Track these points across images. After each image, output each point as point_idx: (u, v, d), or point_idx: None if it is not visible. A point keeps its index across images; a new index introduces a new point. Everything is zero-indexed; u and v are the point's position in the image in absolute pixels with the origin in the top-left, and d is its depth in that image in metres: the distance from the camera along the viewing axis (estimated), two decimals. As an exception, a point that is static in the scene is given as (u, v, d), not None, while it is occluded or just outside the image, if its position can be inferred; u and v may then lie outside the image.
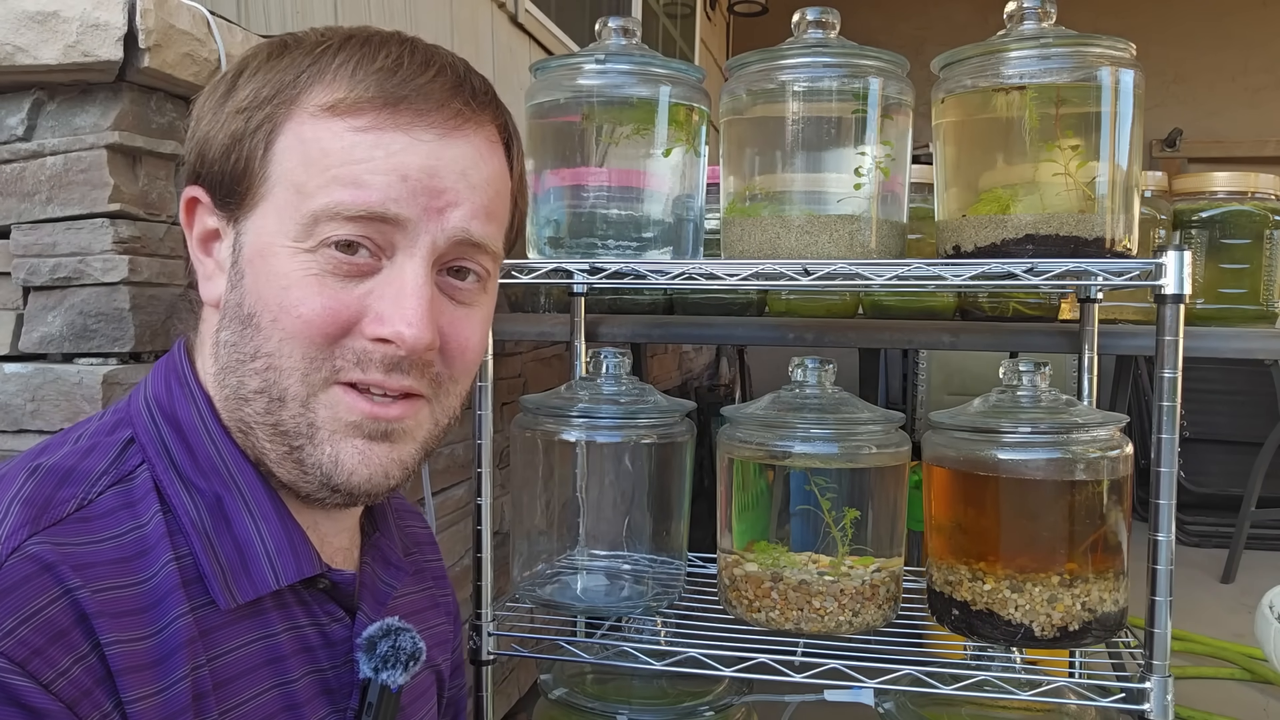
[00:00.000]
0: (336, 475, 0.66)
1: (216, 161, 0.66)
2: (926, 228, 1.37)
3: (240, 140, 0.65)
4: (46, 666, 0.54)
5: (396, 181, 0.64)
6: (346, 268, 0.64)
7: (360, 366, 0.65)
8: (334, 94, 0.64)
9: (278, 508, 0.68)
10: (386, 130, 0.64)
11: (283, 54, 0.67)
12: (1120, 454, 1.13)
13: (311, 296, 0.63)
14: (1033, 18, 1.11)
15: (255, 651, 0.66)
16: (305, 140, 0.64)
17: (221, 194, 0.67)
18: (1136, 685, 1.06)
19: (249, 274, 0.65)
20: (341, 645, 0.71)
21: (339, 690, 0.71)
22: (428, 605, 0.86)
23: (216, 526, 0.65)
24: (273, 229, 0.64)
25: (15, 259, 1.07)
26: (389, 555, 0.79)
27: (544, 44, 2.83)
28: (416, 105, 0.65)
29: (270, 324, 0.64)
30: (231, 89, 0.67)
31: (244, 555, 0.66)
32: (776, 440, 1.19)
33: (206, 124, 0.68)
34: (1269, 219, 1.56)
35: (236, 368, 0.66)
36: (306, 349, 0.64)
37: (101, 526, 0.61)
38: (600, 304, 1.67)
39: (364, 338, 0.64)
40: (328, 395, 0.65)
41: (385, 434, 0.67)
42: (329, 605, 0.71)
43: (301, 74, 0.65)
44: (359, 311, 0.64)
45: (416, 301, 0.64)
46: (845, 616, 1.15)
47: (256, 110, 0.65)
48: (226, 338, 0.66)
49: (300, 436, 0.65)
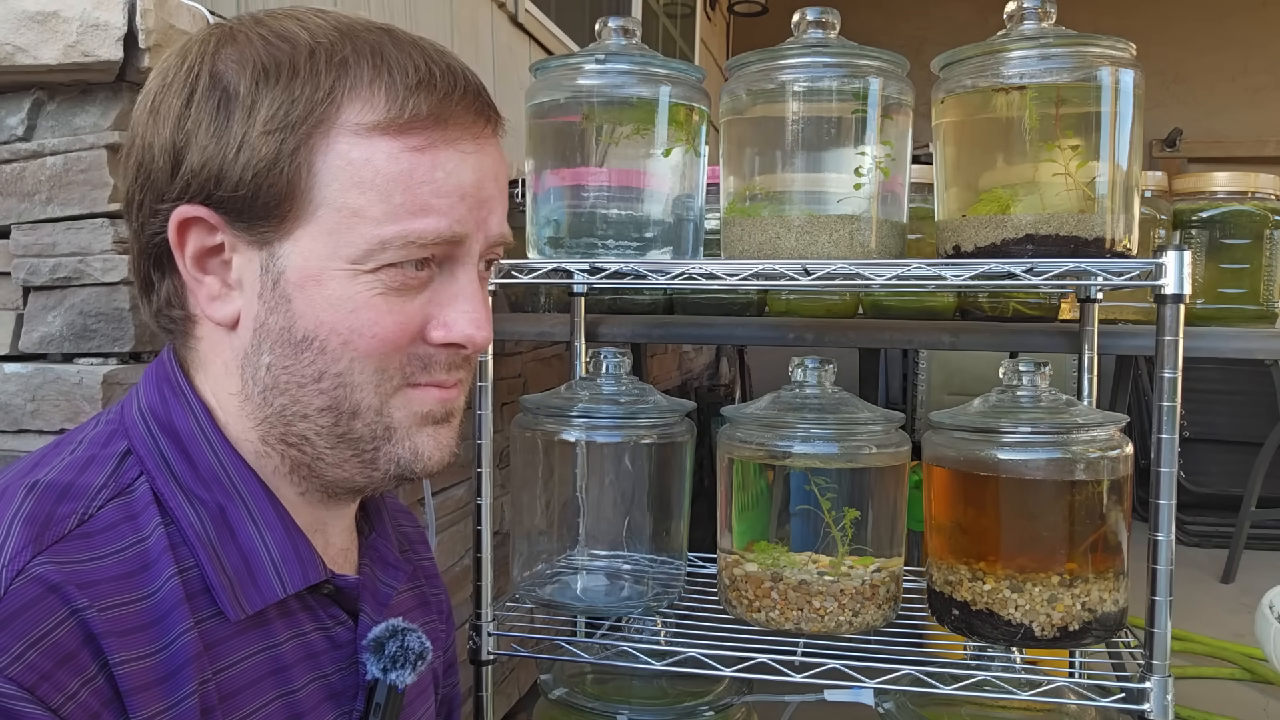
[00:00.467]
0: (416, 464, 0.69)
1: (245, 185, 0.63)
2: (926, 228, 1.37)
3: (276, 163, 0.62)
4: (55, 691, 0.54)
5: (458, 203, 0.65)
6: (410, 282, 0.65)
7: (427, 370, 0.67)
8: (375, 112, 0.63)
9: (281, 516, 0.68)
10: (440, 149, 0.64)
11: (288, 61, 0.63)
12: (1120, 454, 1.13)
13: (383, 316, 0.64)
14: (1033, 18, 1.11)
15: (260, 662, 0.65)
16: (354, 162, 0.63)
17: (248, 216, 0.64)
18: (1136, 685, 1.06)
19: (298, 298, 0.64)
20: (346, 648, 0.71)
21: (344, 693, 0.71)
22: (418, 604, 0.86)
23: (221, 537, 0.65)
24: (323, 253, 0.63)
25: (15, 259, 1.07)
26: (386, 555, 0.79)
27: (544, 44, 2.83)
28: (461, 120, 0.65)
29: (341, 346, 0.64)
30: (230, 102, 0.63)
31: (250, 565, 0.65)
32: (776, 440, 1.19)
33: (210, 142, 0.63)
34: (1269, 219, 1.56)
35: (292, 390, 0.65)
36: (380, 364, 0.65)
37: (104, 541, 0.60)
38: (600, 304, 1.67)
39: (429, 344, 0.67)
40: (400, 398, 0.67)
41: (447, 415, 0.70)
42: (332, 609, 0.71)
43: (334, 89, 0.63)
44: (423, 321, 0.66)
45: (478, 305, 0.68)
46: (845, 616, 1.15)
47: (290, 131, 0.62)
48: (272, 361, 0.65)
49: (376, 439, 0.67)
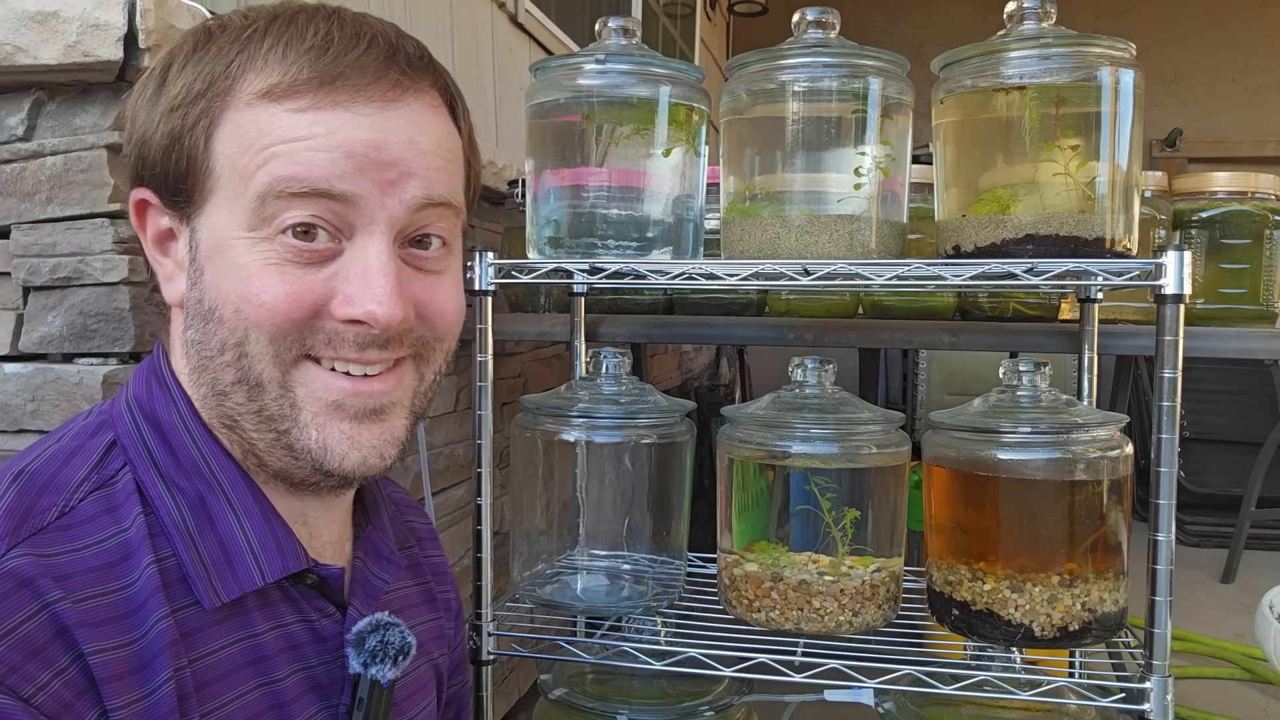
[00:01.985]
0: (327, 461, 0.66)
1: (158, 162, 0.65)
2: (926, 228, 1.37)
3: (180, 138, 0.64)
4: (25, 682, 0.54)
5: (341, 158, 0.63)
6: (307, 255, 0.63)
7: (332, 345, 0.65)
8: (267, 79, 0.63)
9: (261, 504, 0.68)
10: (325, 109, 0.63)
11: (209, 42, 0.66)
12: (1120, 454, 1.13)
13: (273, 284, 0.63)
14: (1033, 18, 1.11)
15: (237, 652, 0.65)
16: (242, 127, 0.63)
17: (169, 193, 0.66)
18: (1136, 685, 1.06)
19: (208, 270, 0.65)
20: (332, 641, 0.71)
21: (330, 686, 0.70)
22: (422, 600, 0.85)
23: (199, 525, 0.65)
24: (225, 222, 0.64)
25: (15, 259, 1.07)
26: (381, 548, 0.78)
27: (544, 44, 2.82)
28: (353, 81, 0.63)
29: (233, 315, 0.63)
30: (162, 85, 0.66)
31: (228, 553, 0.65)
32: (776, 440, 1.19)
33: (142, 123, 0.66)
34: (1269, 219, 1.56)
35: (209, 364, 0.65)
36: (273, 334, 0.63)
37: (83, 534, 0.60)
38: (600, 304, 1.67)
39: (334, 319, 0.64)
40: (301, 373, 0.65)
41: (374, 411, 0.67)
42: (318, 601, 0.71)
43: (232, 63, 0.64)
44: (325, 295, 0.64)
45: (383, 279, 0.64)
46: (845, 616, 1.15)
47: (191, 105, 0.64)
48: (193, 336, 0.66)
49: (285, 419, 0.65)
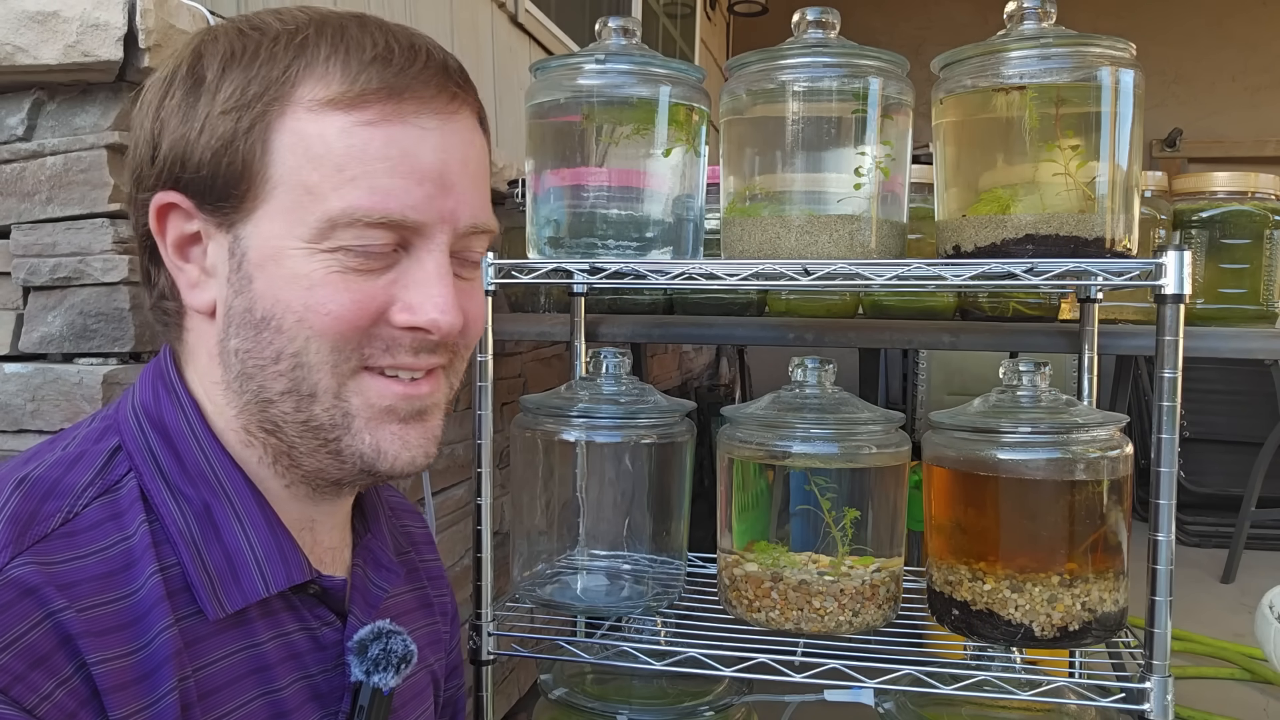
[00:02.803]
0: (379, 463, 0.67)
1: (204, 165, 0.64)
2: (926, 228, 1.37)
3: (232, 142, 0.63)
4: (29, 692, 0.54)
5: (413, 186, 0.64)
6: (369, 263, 0.64)
7: (390, 352, 0.66)
8: (330, 87, 0.63)
9: (267, 514, 0.67)
10: (393, 123, 0.63)
11: (250, 46, 0.64)
12: (1120, 454, 1.13)
13: (339, 294, 0.63)
14: (1033, 18, 1.11)
15: (240, 661, 0.65)
16: (307, 137, 0.63)
17: (212, 198, 0.65)
18: (1136, 685, 1.06)
19: (259, 278, 0.64)
20: (332, 649, 0.71)
21: (329, 694, 0.70)
22: (418, 605, 0.85)
23: (205, 535, 0.65)
24: (280, 231, 0.63)
25: (15, 259, 1.07)
26: (380, 557, 0.78)
27: (544, 44, 2.82)
28: (418, 94, 0.64)
29: (295, 324, 0.63)
30: (198, 88, 0.64)
31: (233, 564, 0.65)
32: (776, 440, 1.19)
33: (178, 125, 0.65)
34: (1269, 219, 1.56)
35: (256, 373, 0.65)
36: (336, 343, 0.64)
37: (87, 540, 0.60)
38: (600, 304, 1.67)
39: (393, 326, 0.65)
40: (357, 383, 0.66)
41: (419, 413, 0.68)
42: (319, 610, 0.71)
43: (290, 67, 0.63)
44: (385, 302, 0.65)
45: (444, 289, 0.65)
46: (845, 616, 1.15)
47: (246, 109, 0.63)
48: (239, 345, 0.65)
49: (336, 428, 0.66)
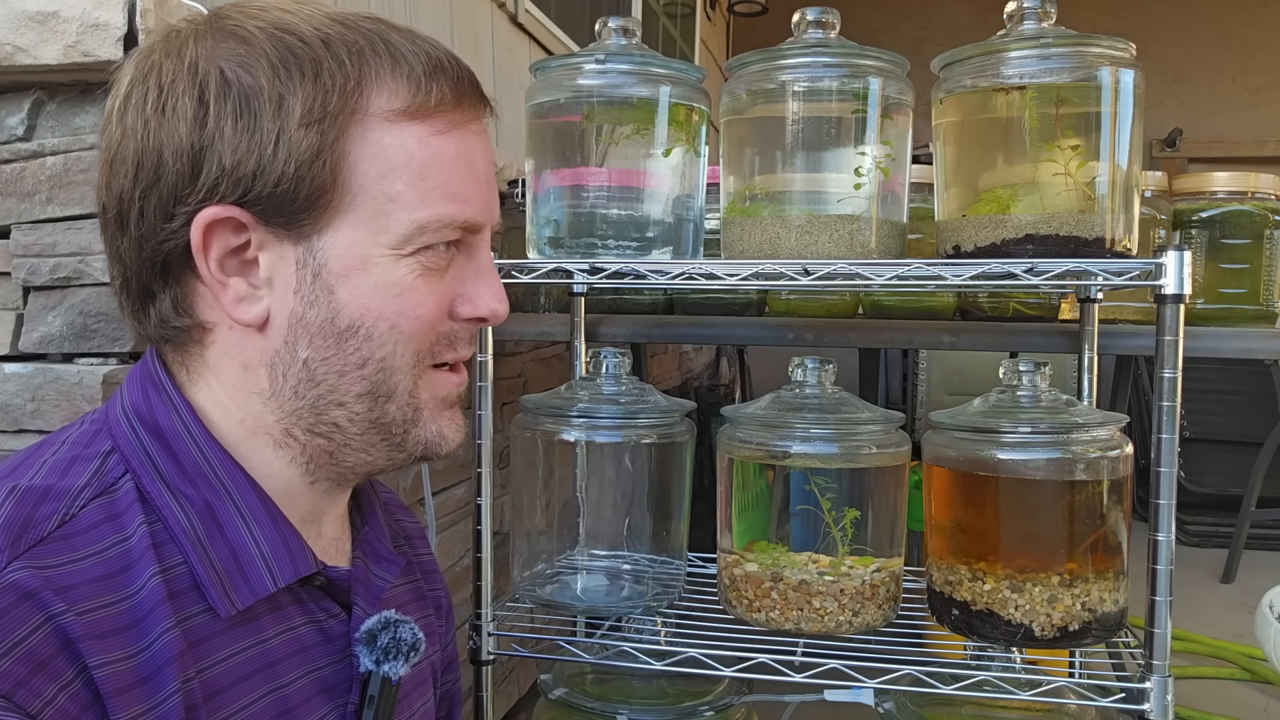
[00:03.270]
0: (442, 446, 0.72)
1: (287, 179, 0.62)
2: (926, 228, 1.37)
3: (319, 155, 0.63)
4: (32, 697, 0.54)
5: (477, 191, 0.69)
6: (440, 262, 0.68)
7: (453, 346, 0.71)
8: (401, 99, 0.65)
9: (269, 509, 0.68)
10: (459, 131, 0.68)
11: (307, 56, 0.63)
12: (1120, 454, 1.13)
13: (425, 298, 0.68)
14: (1033, 18, 1.11)
15: (247, 660, 0.65)
16: (388, 149, 0.65)
17: (287, 210, 0.64)
18: (1136, 685, 1.06)
19: (342, 288, 0.65)
20: (339, 641, 0.71)
21: (338, 686, 0.71)
22: (414, 598, 0.86)
23: (209, 533, 0.65)
24: (364, 240, 0.65)
25: (15, 259, 1.07)
26: (379, 549, 0.79)
27: (544, 44, 2.82)
28: (471, 102, 0.69)
29: (388, 330, 0.67)
30: (251, 98, 0.62)
31: (239, 560, 0.65)
32: (776, 440, 1.19)
33: (239, 139, 0.62)
34: (1269, 219, 1.56)
35: (330, 379, 0.67)
36: (419, 344, 0.68)
37: (85, 543, 0.60)
38: (600, 304, 1.67)
39: (454, 320, 0.70)
40: (427, 379, 0.70)
41: (460, 397, 0.74)
42: (325, 602, 0.71)
43: (362, 79, 0.64)
44: (451, 298, 0.70)
45: (495, 279, 0.72)
46: (845, 616, 1.15)
47: (328, 123, 0.63)
48: (311, 355, 0.66)
49: (406, 423, 0.70)
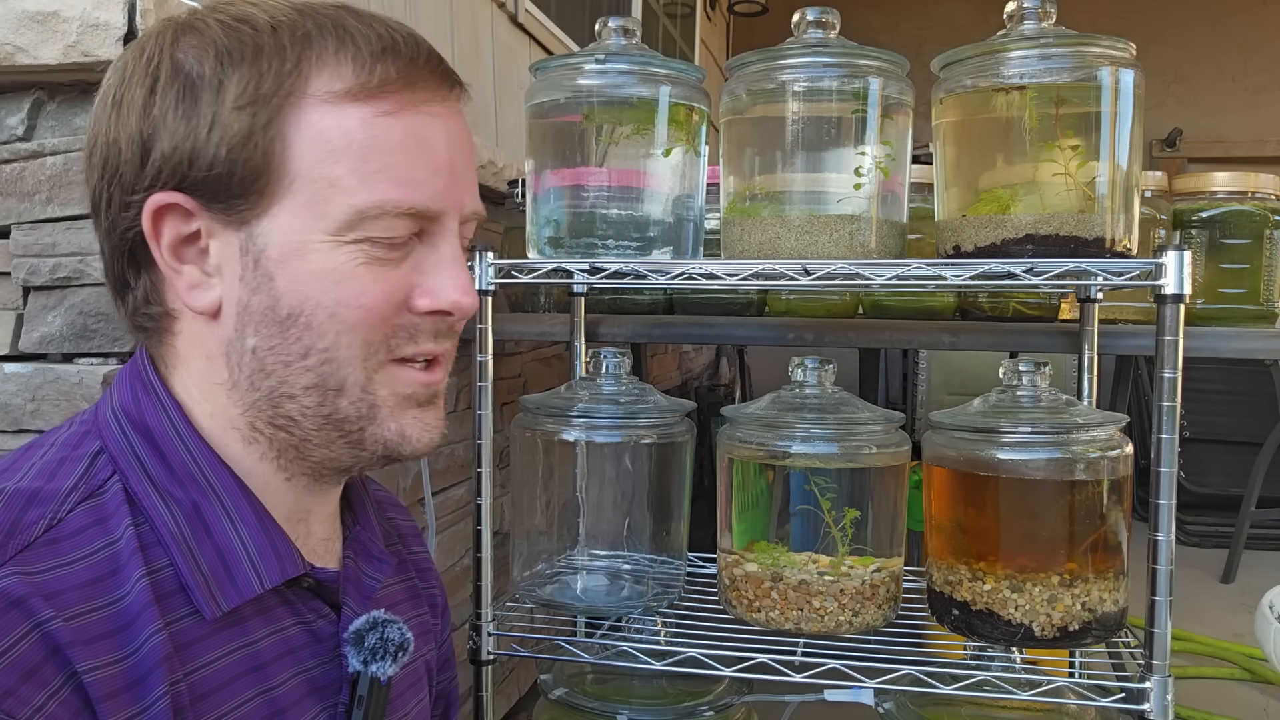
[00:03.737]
0: (404, 447, 0.68)
1: (219, 163, 0.62)
2: (926, 228, 1.37)
3: (250, 138, 0.62)
4: (21, 705, 0.53)
5: (432, 176, 0.65)
6: (391, 253, 0.65)
7: (414, 340, 0.67)
8: (344, 80, 0.63)
9: (257, 511, 0.67)
10: (409, 113, 0.65)
11: (251, 41, 0.63)
12: (1120, 454, 1.13)
13: (368, 286, 0.64)
14: (1033, 18, 1.11)
15: (235, 662, 0.65)
16: (327, 131, 0.62)
17: (224, 196, 0.63)
18: (1136, 685, 1.06)
19: (281, 275, 0.63)
20: (328, 641, 0.71)
21: (328, 687, 0.70)
22: (408, 596, 0.85)
23: (196, 534, 0.64)
24: (301, 225, 0.63)
25: (15, 259, 1.07)
26: (370, 548, 0.78)
27: (544, 44, 2.82)
28: (428, 83, 0.66)
29: (327, 319, 0.64)
30: (194, 85, 0.62)
31: (226, 561, 0.65)
32: (776, 440, 1.19)
33: (179, 125, 0.62)
34: (1269, 219, 1.56)
35: (277, 369, 0.65)
36: (366, 335, 0.65)
37: (72, 547, 0.59)
38: (600, 304, 1.67)
39: (414, 312, 0.66)
40: (384, 375, 0.67)
41: (433, 396, 0.70)
42: (314, 603, 0.71)
43: (300, 61, 0.63)
44: (407, 289, 0.66)
45: (461, 270, 0.67)
46: (845, 616, 1.15)
47: (261, 105, 0.62)
48: (258, 343, 0.65)
49: (361, 419, 0.67)
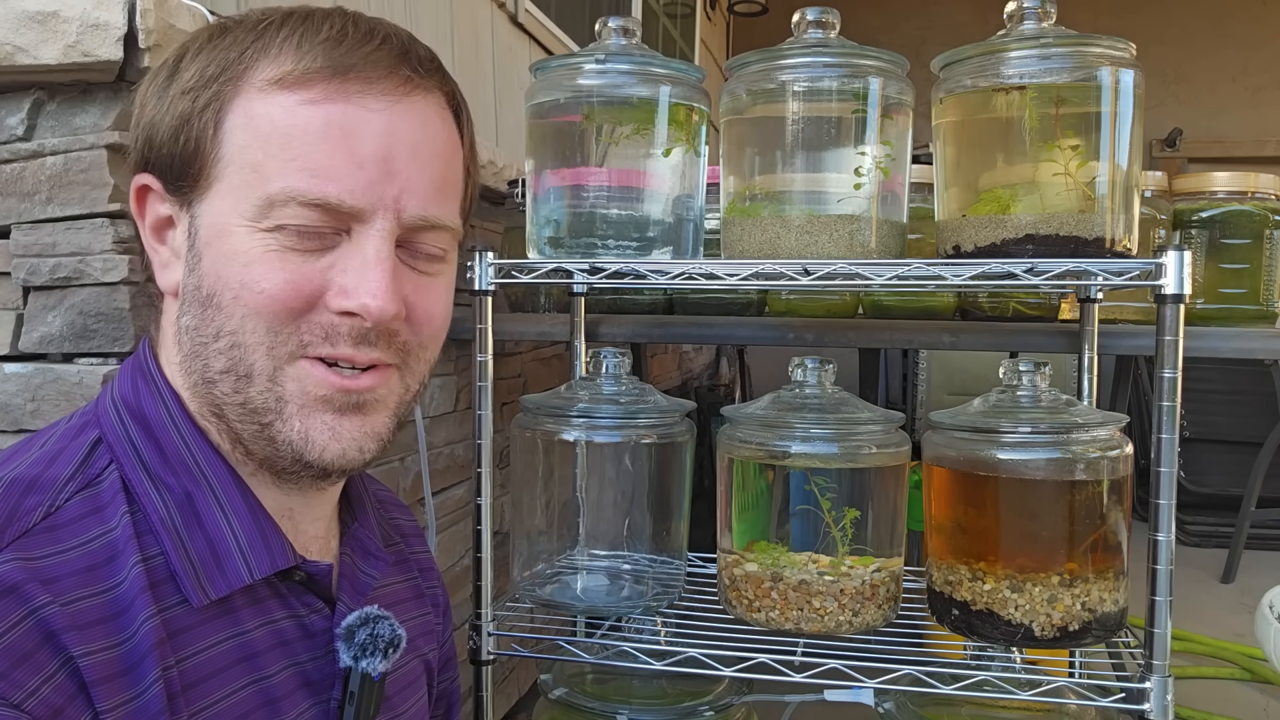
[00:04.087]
0: (307, 452, 0.66)
1: (165, 145, 0.65)
2: (926, 228, 1.37)
3: (188, 121, 0.64)
4: (14, 688, 0.54)
5: (354, 170, 0.63)
6: (308, 243, 0.64)
7: (329, 341, 0.65)
8: (280, 68, 0.64)
9: (249, 501, 0.68)
10: (335, 102, 0.63)
11: (224, 34, 0.66)
12: (1120, 454, 1.13)
13: (273, 272, 0.63)
14: (1033, 18, 1.11)
15: (226, 650, 0.65)
16: (254, 117, 0.63)
17: (172, 178, 0.66)
18: (1136, 685, 1.06)
19: (206, 256, 0.64)
20: (321, 636, 0.71)
21: (320, 682, 0.71)
22: (411, 595, 0.85)
23: (187, 523, 0.65)
24: (227, 209, 0.64)
25: (15, 259, 1.07)
26: (368, 545, 0.78)
27: (544, 44, 2.82)
28: (365, 73, 0.64)
29: (232, 301, 0.63)
30: (175, 72, 0.66)
31: (216, 551, 0.65)
32: (776, 440, 1.19)
33: (152, 109, 0.67)
34: (1269, 219, 1.56)
35: (200, 351, 0.65)
36: (270, 323, 0.63)
37: (69, 535, 0.60)
38: (600, 304, 1.67)
39: (329, 311, 0.64)
40: (294, 369, 0.65)
41: (357, 405, 0.67)
42: (307, 597, 0.71)
43: (246, 50, 0.64)
44: (322, 285, 0.64)
45: (380, 273, 0.64)
46: (845, 616, 1.15)
47: (203, 89, 0.64)
48: (188, 322, 0.66)
49: (270, 412, 0.65)
